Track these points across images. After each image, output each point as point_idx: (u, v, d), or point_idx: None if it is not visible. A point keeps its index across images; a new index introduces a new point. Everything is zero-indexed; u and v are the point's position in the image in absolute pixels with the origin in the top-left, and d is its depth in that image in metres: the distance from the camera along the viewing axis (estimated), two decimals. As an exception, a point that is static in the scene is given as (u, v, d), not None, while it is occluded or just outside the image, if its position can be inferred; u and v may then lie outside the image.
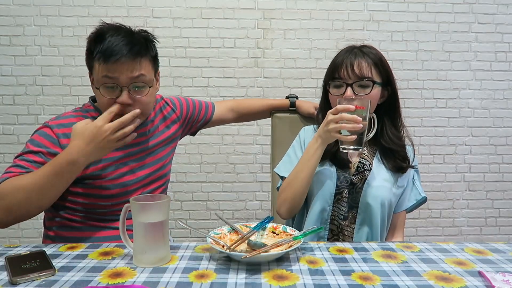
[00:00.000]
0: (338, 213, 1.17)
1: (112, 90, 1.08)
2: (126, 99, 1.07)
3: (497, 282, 0.74)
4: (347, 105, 1.01)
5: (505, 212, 2.63)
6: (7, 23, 2.34)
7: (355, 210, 1.16)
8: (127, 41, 1.07)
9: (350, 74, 1.12)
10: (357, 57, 1.13)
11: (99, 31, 1.10)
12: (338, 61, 1.15)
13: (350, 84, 1.13)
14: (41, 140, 1.09)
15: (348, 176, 1.17)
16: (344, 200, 1.16)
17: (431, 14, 2.47)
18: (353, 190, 1.16)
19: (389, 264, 0.85)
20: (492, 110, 2.56)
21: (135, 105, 1.09)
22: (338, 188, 1.16)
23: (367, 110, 1.02)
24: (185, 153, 2.47)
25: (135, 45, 1.08)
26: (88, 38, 1.12)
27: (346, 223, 1.16)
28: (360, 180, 1.16)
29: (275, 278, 0.76)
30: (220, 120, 1.49)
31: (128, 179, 1.17)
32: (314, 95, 2.46)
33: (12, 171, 1.05)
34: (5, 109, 2.40)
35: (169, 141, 1.32)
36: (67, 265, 0.83)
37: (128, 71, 1.07)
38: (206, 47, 2.42)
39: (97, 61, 1.07)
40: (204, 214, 2.53)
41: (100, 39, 1.07)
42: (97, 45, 1.07)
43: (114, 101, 1.08)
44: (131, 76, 1.08)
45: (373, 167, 1.17)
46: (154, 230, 0.83)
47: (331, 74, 1.17)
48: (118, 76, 1.07)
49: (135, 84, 1.09)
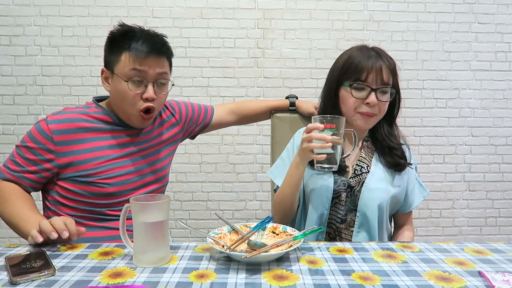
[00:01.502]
0: (335, 216, 1.17)
1: (139, 84, 1.12)
2: (152, 94, 1.12)
3: (497, 282, 0.74)
4: (315, 124, 1.00)
5: (505, 212, 2.63)
6: (7, 23, 2.34)
7: (353, 213, 1.16)
8: (156, 41, 1.14)
9: (378, 79, 1.11)
10: (382, 61, 1.12)
11: (128, 27, 1.14)
12: (363, 64, 1.12)
13: (375, 90, 1.12)
14: (36, 135, 1.12)
15: (346, 180, 1.17)
16: (341, 203, 1.16)
17: (431, 14, 2.47)
18: (351, 193, 1.16)
19: (389, 264, 0.85)
20: (492, 110, 2.56)
21: (156, 101, 1.15)
22: (335, 191, 1.16)
23: (339, 128, 1.00)
24: (185, 153, 2.47)
25: (162, 44, 1.15)
26: (114, 33, 1.14)
27: (343, 226, 1.16)
28: (358, 183, 1.16)
29: (275, 278, 0.76)
30: (220, 123, 1.50)
31: (124, 178, 1.17)
32: (314, 95, 2.47)
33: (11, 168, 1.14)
34: (5, 109, 2.40)
35: (168, 144, 1.32)
36: (67, 265, 0.83)
37: (156, 67, 1.13)
38: (206, 47, 2.42)
39: (128, 54, 1.10)
40: (204, 214, 2.53)
41: (132, 35, 1.11)
42: (129, 39, 1.11)
43: (140, 96, 1.12)
44: (158, 71, 1.13)
45: (371, 169, 1.18)
46: (154, 230, 0.83)
47: (353, 75, 1.13)
48: (147, 70, 1.11)
49: (159, 80, 1.15)
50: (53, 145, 1.11)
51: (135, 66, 1.10)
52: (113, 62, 1.13)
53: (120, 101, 1.15)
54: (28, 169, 1.12)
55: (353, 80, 1.13)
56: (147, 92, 1.12)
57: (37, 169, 1.12)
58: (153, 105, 1.15)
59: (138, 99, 1.13)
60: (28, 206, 1.10)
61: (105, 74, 1.18)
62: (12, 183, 1.14)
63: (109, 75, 1.16)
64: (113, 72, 1.14)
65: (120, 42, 1.12)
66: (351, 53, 1.16)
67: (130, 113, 1.15)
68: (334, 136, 0.99)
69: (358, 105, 1.14)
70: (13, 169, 1.13)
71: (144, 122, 1.18)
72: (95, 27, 2.37)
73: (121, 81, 1.11)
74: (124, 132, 1.20)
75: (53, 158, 1.11)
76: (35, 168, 1.12)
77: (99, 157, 1.14)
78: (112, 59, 1.13)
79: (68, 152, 1.12)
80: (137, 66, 1.10)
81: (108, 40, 1.16)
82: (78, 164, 1.12)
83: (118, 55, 1.12)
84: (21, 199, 1.11)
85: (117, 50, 1.12)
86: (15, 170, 1.13)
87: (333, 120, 1.00)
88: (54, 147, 1.11)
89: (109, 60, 1.15)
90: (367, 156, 1.21)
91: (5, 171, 1.14)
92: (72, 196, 1.14)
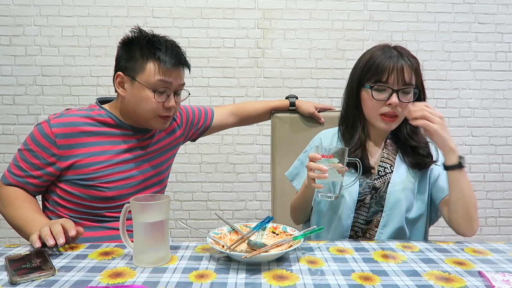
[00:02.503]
0: (359, 219, 1.15)
1: (162, 94, 1.13)
2: (173, 104, 1.15)
3: (497, 282, 0.74)
4: (313, 154, 1.02)
5: (505, 212, 2.63)
6: (7, 23, 2.34)
7: (379, 214, 1.14)
8: (180, 51, 1.17)
9: (400, 80, 1.09)
10: (403, 61, 1.09)
11: (152, 36, 1.15)
12: (384, 64, 1.09)
13: (397, 91, 1.09)
14: (40, 139, 1.11)
15: (370, 182, 1.15)
16: (366, 206, 1.15)
17: (431, 14, 2.47)
18: (376, 194, 1.15)
19: (389, 264, 0.85)
20: (492, 110, 2.56)
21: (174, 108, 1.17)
22: (360, 194, 1.14)
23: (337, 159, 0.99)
24: (185, 153, 2.47)
25: (184, 56, 1.19)
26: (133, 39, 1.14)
27: (368, 227, 1.15)
28: (383, 183, 1.15)
29: (275, 278, 0.76)
30: (221, 125, 1.50)
31: (123, 183, 1.17)
32: (314, 95, 2.47)
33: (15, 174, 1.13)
34: (5, 109, 2.40)
35: (168, 148, 1.32)
36: (67, 265, 0.83)
37: (179, 77, 1.16)
38: (206, 47, 2.42)
39: (155, 64, 1.11)
40: (204, 214, 2.53)
41: (159, 44, 1.12)
42: (156, 49, 1.11)
43: (162, 104, 1.13)
44: (180, 82, 1.17)
45: (394, 169, 1.16)
46: (154, 230, 0.83)
47: (374, 76, 1.11)
48: (172, 81, 1.13)
49: (179, 89, 1.18)
50: (56, 149, 1.10)
51: (163, 78, 1.11)
52: (135, 69, 1.12)
53: (139, 107, 1.14)
54: (32, 174, 1.12)
55: (374, 81, 1.11)
56: (170, 101, 1.14)
57: (41, 174, 1.12)
58: (172, 114, 1.18)
59: (160, 107, 1.14)
60: (33, 208, 1.10)
61: (120, 78, 1.15)
62: (16, 187, 1.14)
63: (127, 81, 1.14)
64: (133, 78, 1.12)
65: (145, 50, 1.11)
66: (373, 53, 1.13)
67: (149, 118, 1.15)
68: (339, 165, 0.99)
69: (380, 106, 1.11)
70: (17, 174, 1.13)
71: (165, 124, 1.19)
72: (95, 27, 2.37)
73: (145, 89, 1.11)
74: (127, 136, 1.20)
75: (56, 161, 1.11)
76: (39, 173, 1.12)
77: (100, 161, 1.14)
78: (134, 66, 1.12)
79: (70, 156, 1.11)
80: (165, 78, 1.11)
81: (125, 45, 1.15)
82: (79, 168, 1.12)
83: (143, 63, 1.11)
84: (26, 202, 1.11)
85: (141, 58, 1.11)
86: (20, 175, 1.13)
87: (332, 150, 1.00)
88: (57, 150, 1.10)
89: (129, 67, 1.13)
90: (390, 156, 1.18)
91: (9, 176, 1.14)
92: (71, 198, 1.13)
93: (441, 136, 1.04)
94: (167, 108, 1.15)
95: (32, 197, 1.15)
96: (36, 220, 1.04)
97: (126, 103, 1.16)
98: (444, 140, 1.04)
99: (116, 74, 1.16)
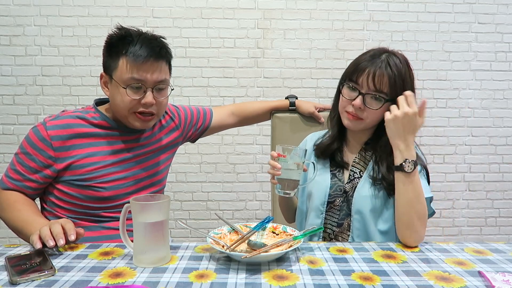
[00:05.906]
0: (330, 221, 1.16)
1: (138, 90, 1.11)
2: (151, 100, 1.11)
3: (497, 282, 0.74)
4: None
5: (505, 212, 2.63)
6: (7, 23, 2.34)
7: (349, 218, 1.14)
8: (155, 44, 1.11)
9: (370, 83, 1.07)
10: (383, 69, 1.07)
11: (126, 32, 1.12)
12: (362, 65, 1.09)
13: (363, 94, 1.09)
14: (36, 141, 1.11)
15: (342, 185, 1.16)
16: (336, 208, 1.16)
17: (431, 14, 2.47)
18: (346, 198, 1.15)
19: (389, 264, 0.85)
20: (492, 110, 2.56)
21: (156, 106, 1.14)
22: (330, 196, 1.16)
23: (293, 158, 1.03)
24: (185, 153, 2.47)
25: (161, 48, 1.12)
26: (112, 37, 1.13)
27: (339, 230, 1.16)
28: (351, 188, 1.15)
29: (275, 278, 0.76)
30: (220, 126, 1.49)
31: (120, 183, 1.17)
32: (314, 95, 2.47)
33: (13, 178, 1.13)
34: (5, 109, 2.40)
35: (166, 148, 1.31)
36: (67, 265, 0.83)
37: (155, 72, 1.11)
38: (206, 47, 2.42)
39: (125, 60, 1.08)
40: (204, 214, 2.53)
41: (130, 39, 1.09)
42: (126, 44, 1.09)
43: (138, 101, 1.11)
44: (156, 78, 1.11)
45: (363, 174, 1.15)
46: (154, 230, 0.83)
47: (350, 75, 1.12)
48: (145, 76, 1.10)
49: (158, 85, 1.13)
50: (52, 151, 1.10)
51: (133, 75, 1.08)
52: (111, 67, 1.12)
53: (117, 105, 1.13)
54: (30, 177, 1.12)
55: (348, 79, 1.13)
56: (146, 97, 1.11)
57: (38, 177, 1.12)
58: (153, 111, 1.14)
59: (135, 103, 1.11)
60: (32, 210, 1.10)
61: (104, 78, 1.16)
62: (15, 191, 1.14)
63: (108, 80, 1.15)
64: (111, 77, 1.12)
65: (118, 47, 1.10)
66: (366, 53, 1.13)
67: (126, 116, 1.14)
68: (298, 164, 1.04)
69: (347, 104, 1.12)
70: (15, 178, 1.13)
71: (143, 123, 1.15)
72: (95, 27, 2.37)
73: (119, 87, 1.10)
74: (122, 137, 1.20)
75: (52, 164, 1.11)
76: (37, 176, 1.12)
77: (95, 162, 1.14)
78: (111, 64, 1.12)
79: (66, 157, 1.12)
80: (135, 75, 1.08)
81: (106, 44, 1.14)
82: (75, 168, 1.12)
83: (116, 60, 1.10)
84: (25, 205, 1.11)
85: (115, 55, 1.10)
86: (17, 179, 1.12)
87: (290, 150, 1.03)
88: (53, 153, 1.10)
89: (107, 65, 1.13)
90: (362, 161, 1.18)
91: (6, 180, 1.13)
92: (68, 199, 1.14)
93: (390, 129, 1.03)
94: (143, 105, 1.11)
95: (31, 200, 1.15)
96: (36, 221, 1.04)
97: (111, 104, 1.17)
98: (393, 134, 1.04)
99: (100, 75, 1.17)
